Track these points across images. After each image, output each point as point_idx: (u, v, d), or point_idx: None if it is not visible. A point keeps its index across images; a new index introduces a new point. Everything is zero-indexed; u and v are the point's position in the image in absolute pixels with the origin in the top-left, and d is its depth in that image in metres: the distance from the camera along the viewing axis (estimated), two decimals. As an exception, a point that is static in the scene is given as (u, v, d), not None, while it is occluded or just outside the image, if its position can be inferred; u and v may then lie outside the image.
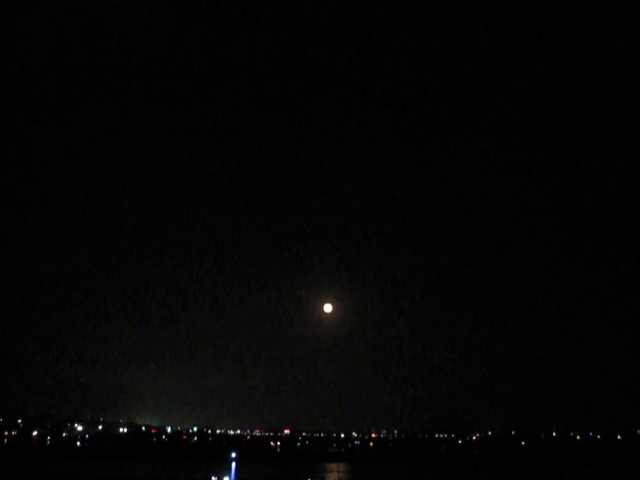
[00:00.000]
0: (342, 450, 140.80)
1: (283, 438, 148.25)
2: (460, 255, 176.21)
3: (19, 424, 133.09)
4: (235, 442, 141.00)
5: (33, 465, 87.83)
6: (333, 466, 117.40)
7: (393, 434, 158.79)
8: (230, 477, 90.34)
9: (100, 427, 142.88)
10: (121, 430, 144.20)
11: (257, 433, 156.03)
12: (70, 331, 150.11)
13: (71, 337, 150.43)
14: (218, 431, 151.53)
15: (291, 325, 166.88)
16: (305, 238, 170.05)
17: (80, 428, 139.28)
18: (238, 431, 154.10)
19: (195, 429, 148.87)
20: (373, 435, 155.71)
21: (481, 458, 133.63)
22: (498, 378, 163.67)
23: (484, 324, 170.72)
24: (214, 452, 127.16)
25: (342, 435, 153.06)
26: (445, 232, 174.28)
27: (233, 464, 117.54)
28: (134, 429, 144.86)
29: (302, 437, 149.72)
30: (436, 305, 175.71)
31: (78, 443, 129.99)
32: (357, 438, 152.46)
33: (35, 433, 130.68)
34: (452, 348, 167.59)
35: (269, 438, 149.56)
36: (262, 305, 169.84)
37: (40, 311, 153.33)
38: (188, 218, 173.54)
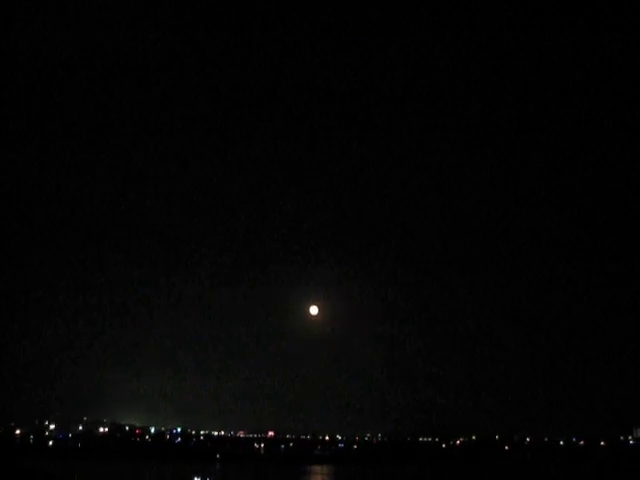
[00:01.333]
0: (326, 452, 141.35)
1: (267, 440, 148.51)
2: (448, 257, 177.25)
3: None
4: (219, 443, 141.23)
5: (19, 464, 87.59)
6: (317, 468, 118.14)
7: (377, 437, 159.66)
8: (213, 478, 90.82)
9: (83, 427, 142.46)
10: (104, 430, 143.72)
11: (241, 435, 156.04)
12: (54, 331, 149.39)
13: (55, 337, 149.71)
14: (202, 432, 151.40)
15: (276, 327, 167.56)
16: (289, 239, 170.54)
17: (63, 427, 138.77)
18: (222, 432, 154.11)
19: (179, 430, 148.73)
20: (357, 438, 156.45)
21: (463, 461, 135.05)
22: (483, 382, 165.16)
23: (469, 329, 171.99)
24: (198, 453, 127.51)
25: (326, 437, 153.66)
26: (434, 230, 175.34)
27: (217, 465, 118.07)
28: (117, 429, 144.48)
29: (286, 439, 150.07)
30: (423, 308, 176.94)
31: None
32: (341, 441, 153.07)
33: (18, 432, 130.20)
34: (438, 351, 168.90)
35: (253, 440, 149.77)
36: (247, 306, 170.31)
37: (24, 310, 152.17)
38: (175, 222, 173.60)
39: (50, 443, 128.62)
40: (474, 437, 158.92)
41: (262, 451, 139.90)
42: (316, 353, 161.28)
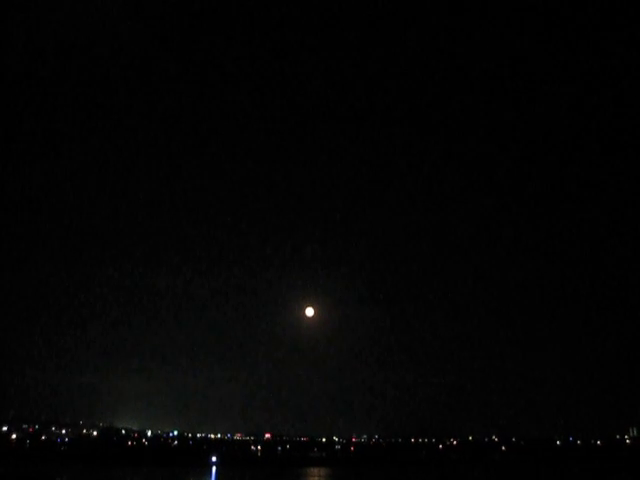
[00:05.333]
0: (323, 455, 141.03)
1: (264, 442, 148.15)
2: (444, 259, 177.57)
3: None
4: (216, 446, 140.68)
5: (14, 468, 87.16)
6: (314, 470, 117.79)
7: (374, 438, 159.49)
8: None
9: (80, 430, 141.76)
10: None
11: (238, 437, 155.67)
12: (50, 335, 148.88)
13: (52, 340, 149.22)
14: (199, 435, 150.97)
15: (272, 329, 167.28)
16: (286, 242, 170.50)
17: (61, 431, 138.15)
18: (219, 435, 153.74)
19: (175, 433, 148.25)
20: (354, 439, 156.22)
21: (461, 462, 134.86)
22: (479, 383, 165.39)
23: (464, 330, 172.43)
24: (194, 456, 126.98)
25: (323, 439, 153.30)
26: (430, 233, 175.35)
27: (213, 468, 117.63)
28: (114, 432, 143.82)
29: (283, 441, 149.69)
30: (419, 311, 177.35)
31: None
32: (338, 442, 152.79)
33: (14, 436, 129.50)
34: (434, 353, 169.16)
35: (250, 442, 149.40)
36: (243, 309, 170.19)
37: (19, 313, 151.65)
38: (169, 222, 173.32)
39: (44, 447, 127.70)
40: (470, 438, 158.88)
41: (259, 453, 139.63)
42: (311, 355, 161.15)
